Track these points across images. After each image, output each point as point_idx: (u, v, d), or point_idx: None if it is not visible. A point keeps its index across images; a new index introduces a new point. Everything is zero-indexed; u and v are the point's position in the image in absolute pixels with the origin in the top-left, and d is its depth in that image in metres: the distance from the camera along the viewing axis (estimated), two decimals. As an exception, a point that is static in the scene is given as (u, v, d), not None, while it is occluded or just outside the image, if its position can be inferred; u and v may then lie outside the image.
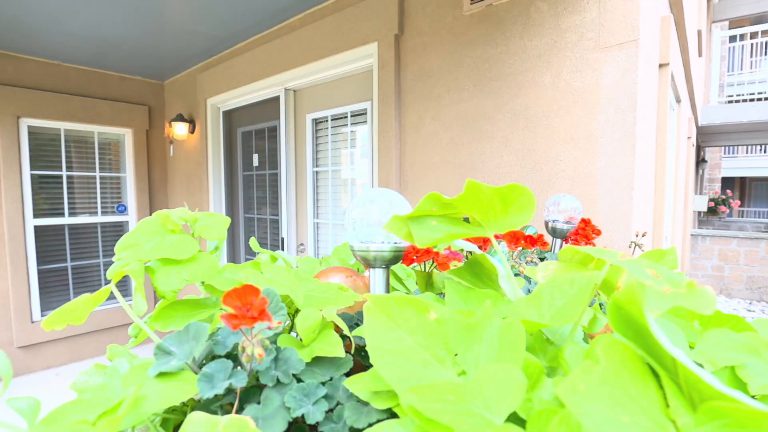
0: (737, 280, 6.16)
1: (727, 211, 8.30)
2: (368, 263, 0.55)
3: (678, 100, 2.83)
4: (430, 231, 0.48)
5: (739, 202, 9.77)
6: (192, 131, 3.80)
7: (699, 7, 4.58)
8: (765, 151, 13.26)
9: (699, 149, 7.82)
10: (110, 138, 4.08)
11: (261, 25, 2.93)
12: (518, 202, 0.45)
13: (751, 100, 8.03)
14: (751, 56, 12.84)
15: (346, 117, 2.69)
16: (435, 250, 0.60)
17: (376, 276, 0.55)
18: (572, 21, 1.67)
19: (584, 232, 1.10)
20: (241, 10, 2.70)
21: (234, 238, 3.75)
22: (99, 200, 4.02)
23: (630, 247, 1.06)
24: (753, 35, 9.18)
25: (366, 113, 2.52)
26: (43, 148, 3.72)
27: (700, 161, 7.67)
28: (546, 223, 1.10)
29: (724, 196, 8.35)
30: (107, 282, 0.55)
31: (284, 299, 0.49)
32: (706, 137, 7.46)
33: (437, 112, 2.09)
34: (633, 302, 0.30)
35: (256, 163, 3.45)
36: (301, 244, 3.06)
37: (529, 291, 0.70)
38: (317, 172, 2.94)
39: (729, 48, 12.66)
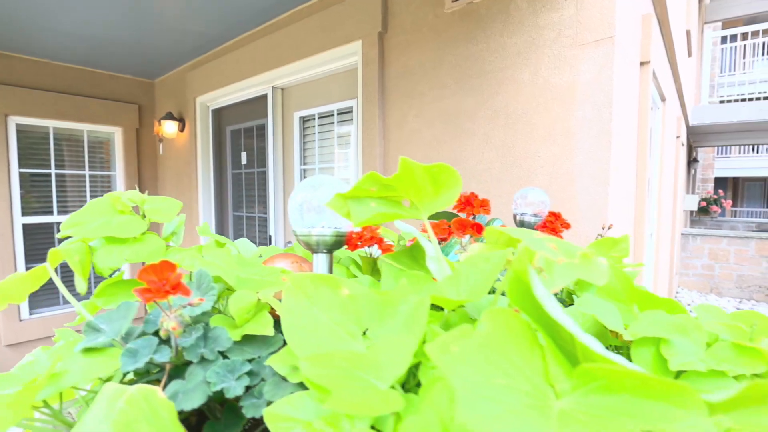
0: (727, 279, 6.20)
1: (719, 210, 8.34)
2: (311, 248, 0.56)
3: (663, 99, 2.85)
4: (367, 211, 0.49)
5: (731, 202, 9.83)
6: (182, 130, 3.80)
7: (688, 7, 4.61)
8: (758, 152, 13.34)
9: (690, 149, 7.87)
10: (100, 136, 4.07)
11: (249, 23, 2.93)
12: (447, 183, 0.46)
13: (743, 100, 8.09)
14: (744, 57, 12.93)
15: (332, 115, 2.70)
16: (381, 236, 0.61)
17: (319, 260, 0.56)
18: (550, 18, 1.68)
19: (552, 225, 1.11)
20: (229, 8, 2.70)
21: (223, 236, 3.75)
22: (88, 199, 4.01)
23: (597, 238, 1.07)
24: (744, 36, 9.24)
25: (352, 111, 2.53)
26: (32, 146, 3.72)
27: (691, 161, 7.71)
28: (514, 216, 1.11)
29: (716, 196, 8.40)
30: (98, 279, 0.56)
31: (220, 281, 0.50)
32: (697, 137, 7.50)
33: (420, 109, 2.10)
34: (523, 270, 0.31)
35: (244, 161, 3.45)
36: (289, 242, 3.06)
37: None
38: (305, 170, 2.94)
39: (722, 49, 12.74)
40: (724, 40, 13.75)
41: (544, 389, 0.27)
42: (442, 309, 0.44)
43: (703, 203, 8.32)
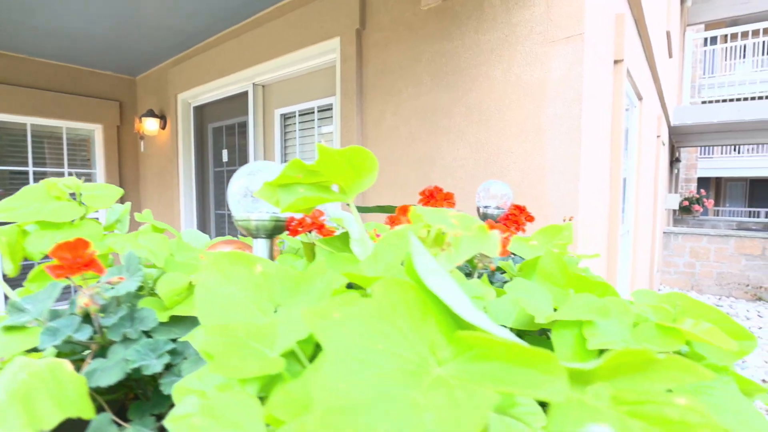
0: (708, 276, 6.32)
1: (701, 210, 8.49)
2: (251, 233, 0.56)
3: (640, 98, 2.90)
4: (294, 196, 0.49)
5: (712, 201, 10.01)
6: (163, 127, 3.76)
7: (668, 9, 4.69)
8: (739, 152, 13.61)
9: (673, 149, 8.00)
10: (80, 134, 4.01)
11: (229, 19, 2.92)
12: (364, 165, 0.47)
13: (725, 101, 8.24)
14: (726, 59, 13.18)
15: (313, 112, 2.70)
16: (322, 220, 0.62)
17: (259, 246, 0.57)
18: (522, 16, 1.71)
19: (515, 218, 1.12)
20: (208, 4, 2.69)
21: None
22: (68, 197, 3.95)
23: (557, 231, 1.09)
24: (726, 38, 9.44)
25: (332, 109, 2.54)
26: (9, 144, 3.65)
27: (673, 161, 7.84)
28: (477, 209, 1.12)
29: (698, 196, 8.55)
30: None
31: (155, 266, 0.50)
32: (679, 137, 7.63)
33: (397, 106, 2.11)
34: (403, 238, 0.32)
35: (226, 158, 3.43)
36: (271, 240, 3.05)
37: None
38: (286, 168, 2.93)
39: (704, 51, 12.98)
40: (707, 42, 14.01)
41: (428, 357, 0.28)
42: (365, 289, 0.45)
43: (686, 202, 8.45)
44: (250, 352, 0.29)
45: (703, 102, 9.15)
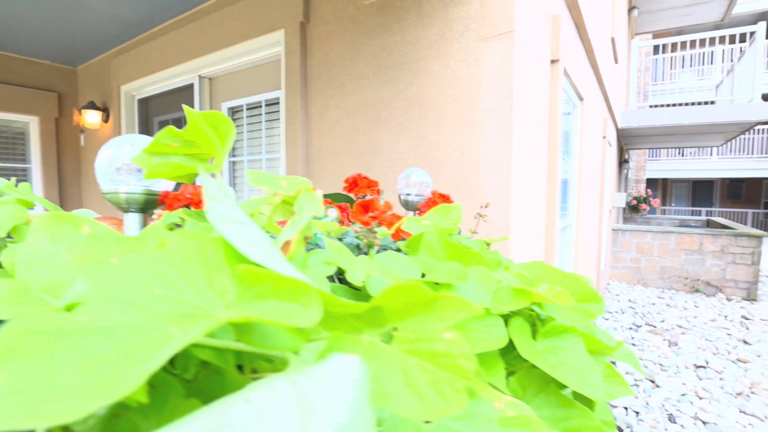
0: (652, 270, 6.68)
1: (648, 208, 8.98)
2: (121, 207, 0.55)
3: (581, 98, 3.03)
4: (164, 166, 0.49)
5: (658, 201, 10.61)
6: (106, 120, 3.60)
7: (613, 17, 4.92)
8: (683, 155, 14.48)
9: (622, 151, 8.41)
10: (14, 126, 3.77)
11: (173, 9, 2.83)
12: (226, 131, 0.47)
13: (669, 106, 8.76)
14: (671, 68, 14.00)
15: (260, 106, 2.66)
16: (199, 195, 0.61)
17: (131, 220, 0.55)
18: (458, 12, 1.75)
19: (434, 204, 1.15)
20: (149, -8, 2.60)
21: (153, 232, 3.59)
22: (1, 193, 3.70)
23: (475, 218, 1.12)
24: (674, 48, 10.05)
25: (279, 102, 2.50)
26: (-69, 135, 3.39)
27: (622, 162, 8.25)
28: (399, 196, 1.14)
29: (645, 195, 9.03)
30: None
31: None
32: (627, 139, 8.03)
33: (341, 100, 2.11)
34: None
35: (173, 153, 3.32)
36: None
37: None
38: (233, 162, 2.88)
39: (654, 60, 13.74)
40: (656, 51, 14.82)
41: (216, 302, 0.28)
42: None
43: (634, 201, 8.91)
44: (31, 298, 0.28)
45: (651, 107, 9.69)
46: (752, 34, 6.14)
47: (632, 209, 8.87)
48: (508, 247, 1.65)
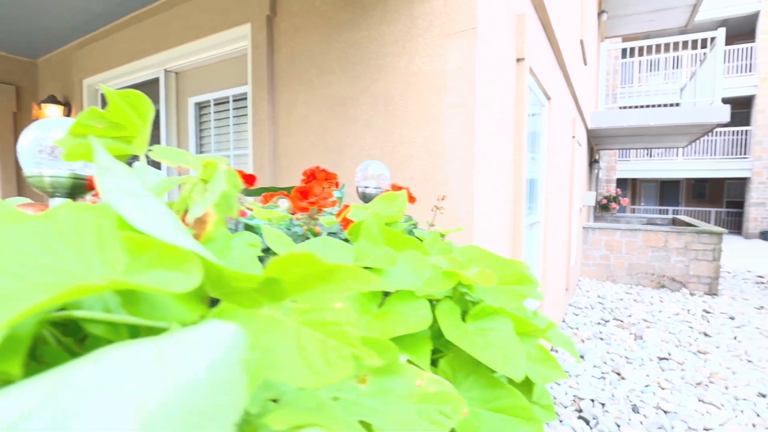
0: (620, 267, 6.89)
1: (617, 207, 9.25)
2: (45, 191, 0.53)
3: (548, 97, 3.10)
4: (81, 146, 0.47)
5: (627, 200, 10.95)
6: (67, 115, 3.47)
7: (582, 19, 5.05)
8: (651, 156, 14.99)
9: (592, 151, 8.64)
10: (-31, 121, 3.60)
11: (139, 0, 2.75)
12: (145, 110, 0.46)
13: (638, 108, 9.04)
14: (640, 72, 14.45)
15: (228, 102, 2.62)
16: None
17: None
18: (423, 8, 1.76)
19: (394, 198, 1.15)
20: (110, -17, 2.52)
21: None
22: (-46, 191, 3.53)
23: (432, 211, 1.13)
24: (641, 52, 10.40)
25: (246, 97, 2.47)
26: None
27: (592, 161, 8.47)
28: (357, 189, 1.14)
29: (615, 194, 9.31)
30: None
31: None
32: (597, 140, 8.25)
33: (308, 95, 2.10)
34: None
35: (138, 149, 3.23)
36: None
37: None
38: (201, 159, 2.82)
39: (623, 63, 14.18)
40: (626, 54, 15.28)
41: (103, 272, 0.28)
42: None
43: (604, 200, 9.17)
44: None
45: (620, 108, 9.99)
46: (713, 39, 6.41)
47: (603, 208, 9.13)
48: (472, 241, 1.67)
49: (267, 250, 0.61)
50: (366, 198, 1.13)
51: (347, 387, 0.37)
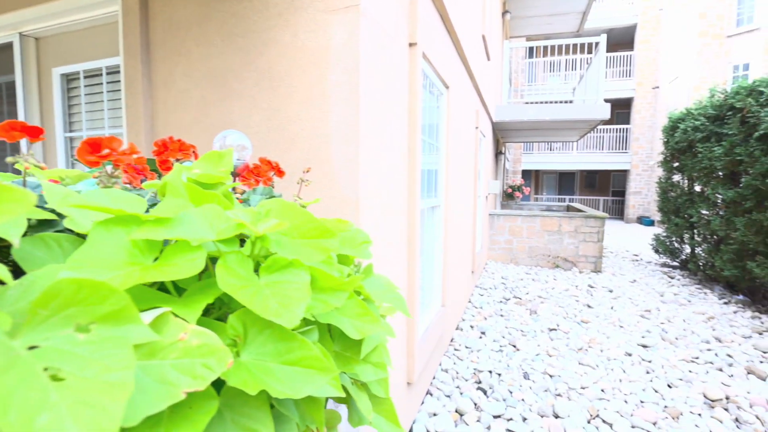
0: (522, 250, 7.47)
1: (521, 196, 10.02)
2: None
3: (446, 86, 3.21)
4: None
5: (529, 189, 11.91)
6: None
7: (483, 14, 5.31)
8: (551, 150, 16.43)
9: (498, 143, 9.23)
10: None
11: (-19, -50, 2.34)
12: None
13: (538, 104, 9.81)
14: (543, 71, 15.69)
15: (101, 74, 2.34)
16: None
17: None
18: (306, -19, 1.70)
19: (257, 170, 1.10)
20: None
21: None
22: None
23: (298, 183, 1.10)
24: (536, 53, 11.34)
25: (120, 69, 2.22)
26: None
27: (498, 153, 9.05)
28: (214, 159, 1.07)
29: (518, 184, 10.05)
30: None
31: None
32: (502, 133, 8.82)
33: (188, 67, 1.94)
34: None
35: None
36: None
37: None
38: (71, 138, 2.50)
39: (527, 63, 15.30)
40: (530, 54, 16.49)
41: None
42: None
43: (510, 189, 9.87)
44: None
45: (526, 103, 10.77)
46: (597, 45, 7.13)
47: (508, 196, 9.82)
48: (359, 220, 1.67)
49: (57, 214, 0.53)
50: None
51: (60, 336, 0.32)
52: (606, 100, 15.74)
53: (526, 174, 18.29)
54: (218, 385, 0.43)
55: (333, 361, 0.64)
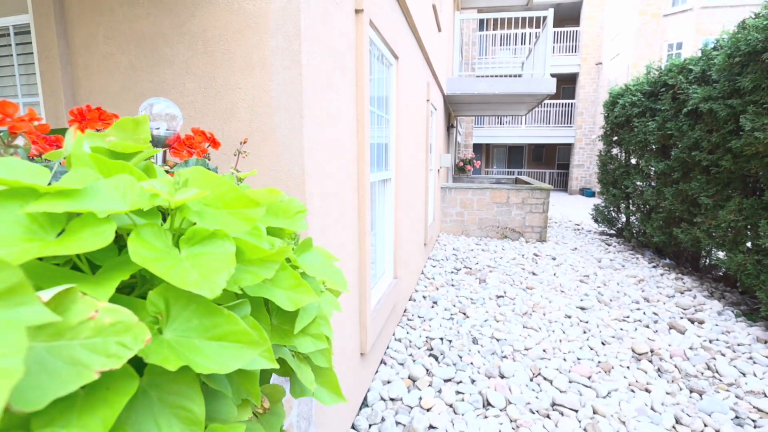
0: (473, 222, 7.70)
1: (472, 169, 10.25)
2: None
3: (396, 56, 3.16)
4: None
5: (480, 162, 12.22)
6: None
7: (434, -15, 5.23)
8: (501, 124, 16.84)
9: (450, 116, 9.31)
10: None
11: None
12: None
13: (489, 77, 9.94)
14: (493, 45, 15.85)
15: (8, 34, 2.08)
16: None
17: None
18: (241, -63, 1.58)
19: (190, 142, 1.03)
20: None
21: None
22: None
23: (235, 155, 1.04)
24: (487, 25, 11.41)
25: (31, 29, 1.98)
26: None
27: (449, 126, 9.15)
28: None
29: (470, 158, 10.26)
30: None
31: None
32: (454, 106, 8.90)
33: (111, 29, 1.77)
34: None
35: None
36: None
37: None
38: (-22, 108, 2.22)
39: (479, 35, 15.38)
40: (481, 26, 16.56)
41: None
42: None
43: (461, 163, 10.06)
44: None
45: (477, 77, 10.87)
46: (545, 19, 7.27)
47: (459, 170, 10.01)
48: (305, 194, 1.63)
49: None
50: (156, 141, 0.98)
51: None
52: (552, 75, 16.26)
53: (477, 148, 18.71)
54: (144, 364, 0.41)
55: (268, 334, 0.62)
